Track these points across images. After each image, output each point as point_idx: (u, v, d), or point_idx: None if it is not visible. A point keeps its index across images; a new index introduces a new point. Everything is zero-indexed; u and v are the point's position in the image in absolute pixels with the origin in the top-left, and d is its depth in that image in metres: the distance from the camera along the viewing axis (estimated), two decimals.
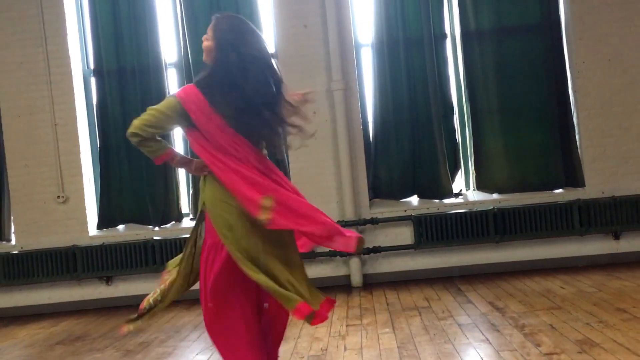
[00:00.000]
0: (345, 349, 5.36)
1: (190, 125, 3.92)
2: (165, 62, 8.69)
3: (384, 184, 8.59)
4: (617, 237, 8.26)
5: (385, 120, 8.49)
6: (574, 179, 8.39)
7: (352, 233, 3.93)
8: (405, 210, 8.42)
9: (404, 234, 8.37)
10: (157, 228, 8.61)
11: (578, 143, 8.38)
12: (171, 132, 7.82)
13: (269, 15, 8.59)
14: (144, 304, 4.12)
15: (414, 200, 8.63)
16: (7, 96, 8.58)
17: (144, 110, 8.84)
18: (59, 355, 6.13)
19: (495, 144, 8.46)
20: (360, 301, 7.27)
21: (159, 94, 8.55)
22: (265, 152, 4.08)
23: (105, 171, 8.66)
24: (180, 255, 4.13)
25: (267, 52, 4.04)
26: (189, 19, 8.55)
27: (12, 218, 8.70)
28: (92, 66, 8.80)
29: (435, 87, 8.45)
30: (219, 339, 3.99)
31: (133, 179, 8.66)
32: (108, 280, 8.52)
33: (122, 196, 8.68)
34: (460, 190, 8.67)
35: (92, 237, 8.56)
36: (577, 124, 8.38)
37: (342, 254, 8.21)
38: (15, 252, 8.48)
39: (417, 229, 8.25)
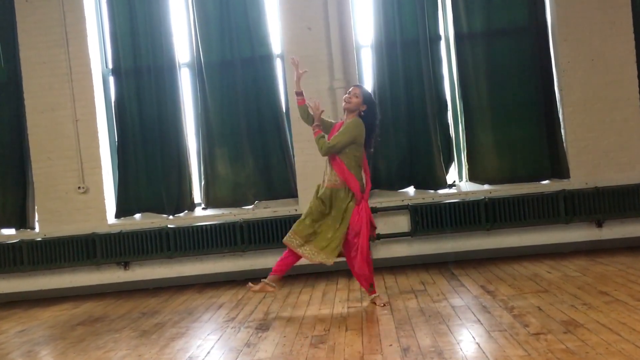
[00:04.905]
0: (346, 329, 5.35)
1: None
2: (178, 62, 8.66)
3: (383, 176, 8.57)
4: (599, 225, 8.25)
5: (383, 116, 8.44)
6: (559, 170, 8.37)
7: None
8: (403, 200, 8.41)
9: (402, 222, 8.35)
10: (171, 217, 8.60)
11: (563, 137, 8.35)
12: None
13: (276, 18, 8.56)
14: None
15: (411, 190, 8.61)
16: (31, 94, 8.56)
17: (159, 107, 8.87)
18: (80, 335, 6.12)
19: (487, 138, 8.44)
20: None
21: (173, 92, 8.56)
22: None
23: (123, 164, 8.64)
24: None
25: (378, 115, 6.48)
26: (201, 22, 8.52)
27: (36, 207, 8.69)
28: (110, 66, 8.77)
29: (431, 86, 8.42)
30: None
31: (149, 171, 8.65)
32: (125, 265, 8.51)
33: (138, 187, 8.67)
34: (454, 182, 8.65)
35: (111, 225, 8.55)
36: (562, 120, 8.35)
37: None
38: (39, 239, 8.49)
39: (413, 217, 8.24)
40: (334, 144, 6.04)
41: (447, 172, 8.55)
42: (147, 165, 8.65)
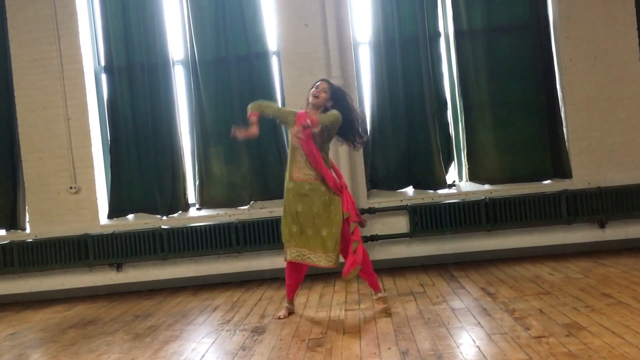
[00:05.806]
0: (344, 332, 5.33)
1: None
2: (172, 60, 8.64)
3: (381, 176, 8.56)
4: (602, 225, 8.24)
5: (382, 115, 8.45)
6: (561, 170, 8.36)
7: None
8: (402, 201, 8.39)
9: (400, 223, 8.34)
10: (165, 217, 8.58)
11: (565, 136, 8.34)
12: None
13: (272, 15, 8.53)
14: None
15: (410, 190, 8.60)
16: (22, 92, 8.54)
17: (152, 105, 8.85)
18: (72, 338, 6.10)
19: (487, 137, 8.42)
20: (358, 287, 7.23)
21: (167, 90, 8.53)
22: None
23: (116, 163, 8.62)
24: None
25: (354, 107, 6.18)
26: (195, 18, 8.50)
27: (26, 208, 8.67)
28: (103, 63, 8.75)
29: (430, 83, 8.40)
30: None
31: (142, 170, 8.63)
32: (118, 267, 8.49)
33: (131, 187, 8.65)
34: (454, 181, 8.64)
35: (103, 226, 8.53)
36: (565, 118, 8.34)
37: None
38: (30, 240, 8.46)
39: (412, 218, 8.22)
40: (324, 121, 5.75)
41: (446, 171, 8.53)
42: (140, 165, 8.63)
